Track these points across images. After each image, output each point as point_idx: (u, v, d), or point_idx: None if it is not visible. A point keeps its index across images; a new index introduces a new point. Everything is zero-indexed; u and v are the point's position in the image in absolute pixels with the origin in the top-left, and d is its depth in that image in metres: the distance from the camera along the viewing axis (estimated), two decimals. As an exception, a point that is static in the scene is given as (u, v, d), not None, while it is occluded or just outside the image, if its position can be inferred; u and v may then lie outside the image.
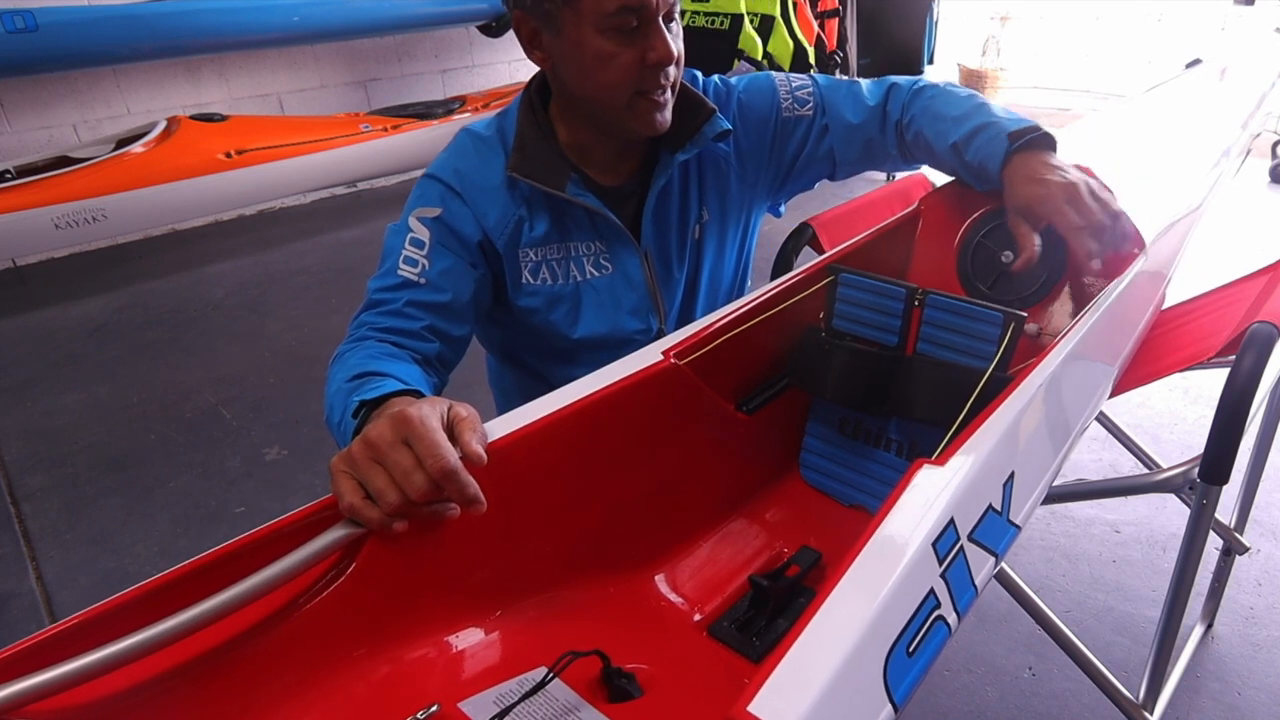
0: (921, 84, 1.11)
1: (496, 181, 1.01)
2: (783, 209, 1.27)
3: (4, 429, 2.48)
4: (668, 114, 0.98)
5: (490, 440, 0.71)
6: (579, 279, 1.07)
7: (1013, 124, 1.00)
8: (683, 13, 1.00)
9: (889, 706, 0.52)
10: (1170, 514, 1.89)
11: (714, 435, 0.93)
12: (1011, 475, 0.72)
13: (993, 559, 0.68)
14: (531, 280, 1.05)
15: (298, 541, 0.62)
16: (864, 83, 1.14)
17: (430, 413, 0.67)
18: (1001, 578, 1.19)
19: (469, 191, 1.01)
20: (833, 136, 1.13)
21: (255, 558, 0.60)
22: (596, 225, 1.05)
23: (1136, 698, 1.18)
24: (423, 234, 0.99)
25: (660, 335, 1.11)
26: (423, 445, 0.64)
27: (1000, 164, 0.99)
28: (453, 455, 0.64)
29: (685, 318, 1.16)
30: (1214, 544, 1.53)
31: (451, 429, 0.68)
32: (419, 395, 0.77)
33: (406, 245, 0.98)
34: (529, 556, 0.77)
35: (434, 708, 0.63)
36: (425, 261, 0.97)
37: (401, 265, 0.97)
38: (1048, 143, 0.99)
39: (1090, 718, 1.42)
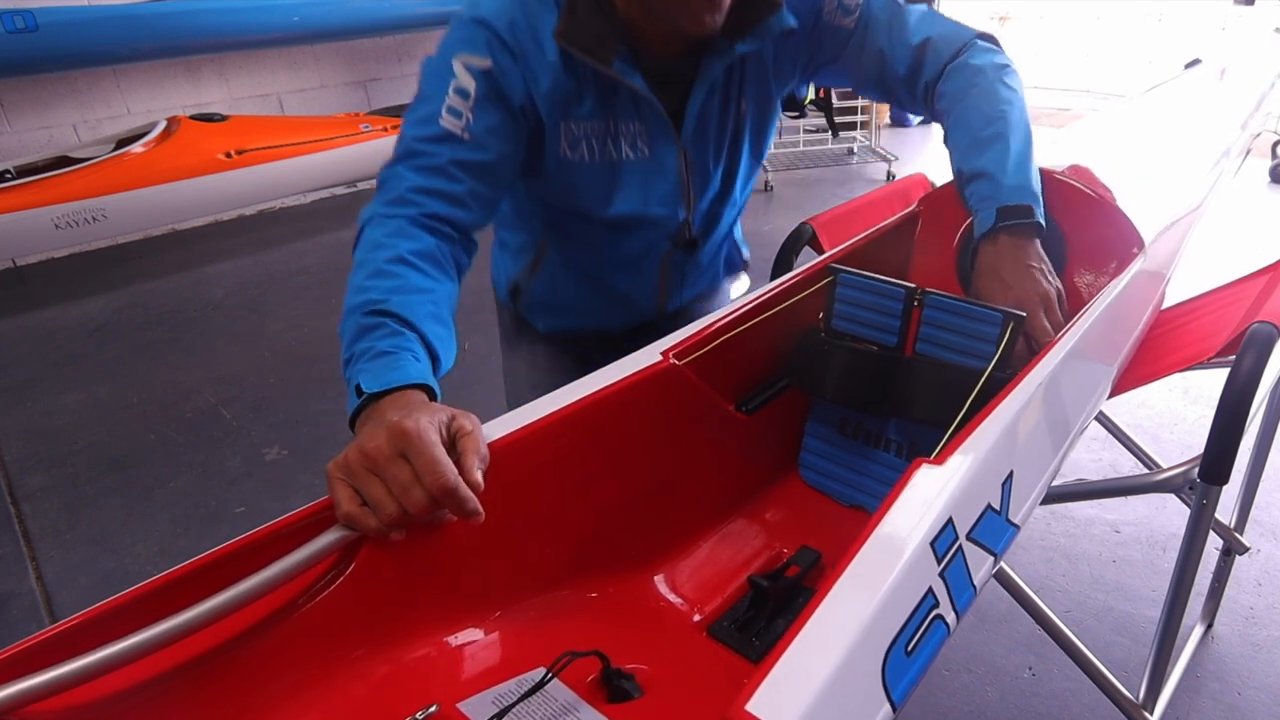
0: (961, 59, 1.06)
1: (549, 46, 0.96)
2: (805, 91, 1.23)
3: (4, 429, 2.48)
4: (719, 17, 0.93)
5: (490, 441, 0.71)
6: (614, 158, 1.04)
7: (1011, 192, 0.96)
8: None
9: (887, 705, 0.52)
10: (1170, 514, 1.89)
11: (713, 435, 0.93)
12: (1010, 474, 0.72)
13: (991, 558, 0.68)
14: (570, 154, 1.03)
15: (297, 542, 0.62)
16: (914, 14, 1.08)
17: (429, 425, 0.65)
18: (1001, 578, 1.19)
19: (522, 49, 0.95)
20: (865, 55, 1.08)
21: (254, 559, 0.60)
22: (639, 107, 1.02)
23: (1136, 698, 1.18)
24: (468, 84, 0.92)
25: (685, 224, 1.11)
26: (421, 461, 0.63)
27: (983, 233, 0.97)
28: (452, 472, 0.63)
29: (712, 212, 1.15)
30: (1214, 544, 1.53)
31: (453, 443, 0.67)
32: (425, 389, 0.75)
33: (450, 93, 0.91)
34: (528, 557, 0.77)
35: (433, 708, 0.63)
36: (470, 115, 0.91)
37: (444, 115, 0.91)
38: (1032, 230, 0.96)
39: (1090, 718, 1.42)
